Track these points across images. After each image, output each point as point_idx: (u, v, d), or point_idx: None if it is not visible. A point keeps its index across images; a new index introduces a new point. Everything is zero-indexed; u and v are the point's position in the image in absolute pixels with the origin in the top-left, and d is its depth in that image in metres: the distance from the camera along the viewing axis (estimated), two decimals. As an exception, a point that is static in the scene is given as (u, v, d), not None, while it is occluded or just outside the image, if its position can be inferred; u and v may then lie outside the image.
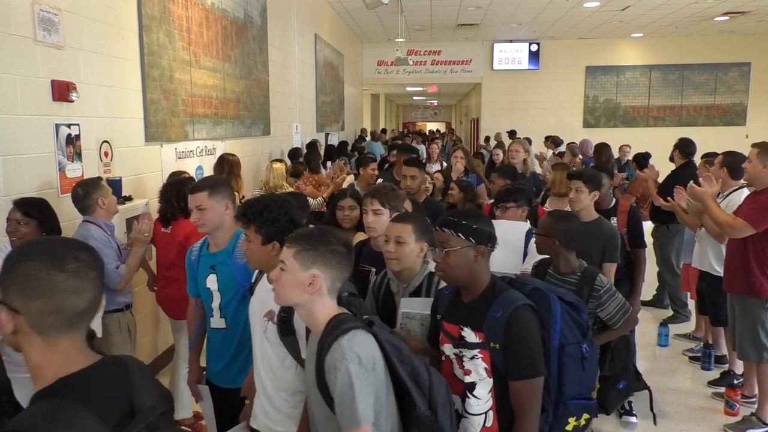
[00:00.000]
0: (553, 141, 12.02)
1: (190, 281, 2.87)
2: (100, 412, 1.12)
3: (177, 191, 3.75)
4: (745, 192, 4.23)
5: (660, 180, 5.99)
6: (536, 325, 1.98)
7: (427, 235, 2.41)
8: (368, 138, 14.61)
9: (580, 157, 8.81)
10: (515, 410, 1.96)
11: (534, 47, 16.44)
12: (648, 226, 5.54)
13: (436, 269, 2.16)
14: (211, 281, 2.71)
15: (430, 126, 36.10)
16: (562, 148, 10.96)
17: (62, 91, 3.56)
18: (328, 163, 8.48)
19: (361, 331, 1.76)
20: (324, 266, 1.78)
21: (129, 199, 4.27)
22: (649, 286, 5.59)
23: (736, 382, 4.29)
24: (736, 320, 3.97)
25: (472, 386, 2.01)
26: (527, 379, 1.93)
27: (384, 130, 19.34)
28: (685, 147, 5.99)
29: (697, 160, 5.99)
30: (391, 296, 2.47)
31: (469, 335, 2.01)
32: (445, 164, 7.15)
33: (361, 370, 1.67)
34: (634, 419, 3.99)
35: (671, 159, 6.13)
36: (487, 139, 15.93)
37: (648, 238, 4.58)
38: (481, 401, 2.01)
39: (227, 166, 5.22)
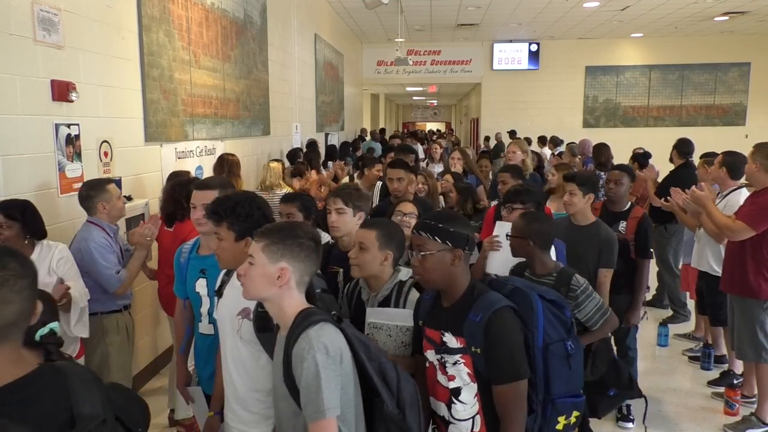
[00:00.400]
0: (552, 141, 12.01)
1: (178, 282, 2.79)
2: (33, 424, 1.08)
3: (188, 192, 3.73)
4: (744, 192, 4.24)
5: (659, 180, 5.99)
6: (517, 326, 1.95)
7: (395, 243, 2.36)
8: (368, 138, 14.60)
9: (580, 157, 8.80)
10: (500, 415, 1.94)
11: (534, 47, 16.45)
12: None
13: (413, 273, 2.12)
14: (201, 285, 2.62)
15: (430, 126, 36.10)
16: (562, 148, 10.95)
17: (62, 91, 3.56)
18: (329, 163, 8.49)
19: (329, 324, 1.76)
20: (292, 259, 1.78)
21: (129, 199, 4.27)
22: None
23: (735, 381, 4.29)
24: (735, 320, 3.97)
25: (457, 391, 2.00)
26: (510, 382, 1.91)
27: (383, 130, 19.32)
28: (683, 147, 5.99)
29: (696, 160, 6.00)
30: (362, 304, 2.42)
31: (450, 340, 1.98)
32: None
33: (328, 360, 1.67)
34: (630, 425, 3.96)
35: (671, 159, 6.13)
36: (487, 138, 15.94)
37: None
38: (467, 406, 1.99)
39: (227, 166, 5.20)
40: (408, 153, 5.72)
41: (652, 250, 3.97)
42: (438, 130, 31.53)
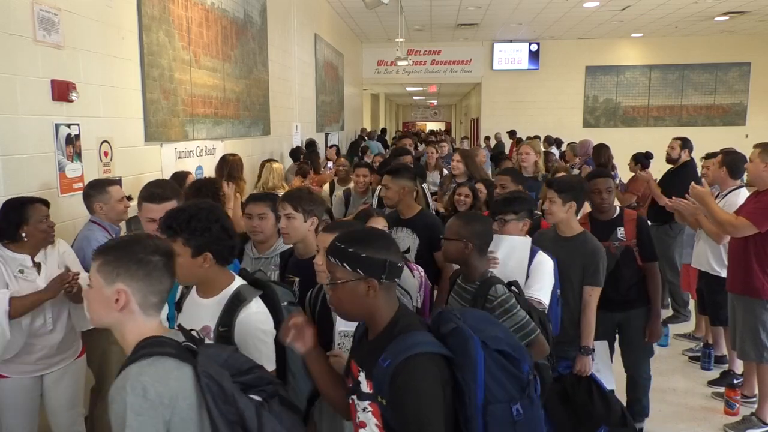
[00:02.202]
0: (545, 141, 11.94)
1: None
2: None
3: (215, 190, 3.74)
4: (744, 192, 4.24)
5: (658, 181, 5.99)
6: (433, 379, 1.55)
7: None
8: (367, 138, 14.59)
9: (580, 157, 8.79)
10: None
11: (534, 47, 16.46)
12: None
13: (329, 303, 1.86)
14: None
15: (431, 126, 36.04)
16: (563, 149, 10.92)
17: (62, 91, 3.56)
18: (329, 164, 8.49)
19: (167, 359, 1.47)
20: (129, 279, 1.54)
21: (129, 198, 4.26)
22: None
23: (735, 381, 4.30)
24: (736, 319, 3.97)
25: None
26: None
27: (384, 130, 19.31)
28: (686, 143, 6.03)
29: (698, 160, 6.00)
30: (327, 311, 2.26)
31: (363, 382, 1.66)
32: (446, 172, 6.33)
33: (144, 404, 1.39)
34: None
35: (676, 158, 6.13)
36: (488, 138, 15.95)
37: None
38: None
39: (227, 167, 5.16)
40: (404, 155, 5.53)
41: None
42: (439, 130, 31.19)
